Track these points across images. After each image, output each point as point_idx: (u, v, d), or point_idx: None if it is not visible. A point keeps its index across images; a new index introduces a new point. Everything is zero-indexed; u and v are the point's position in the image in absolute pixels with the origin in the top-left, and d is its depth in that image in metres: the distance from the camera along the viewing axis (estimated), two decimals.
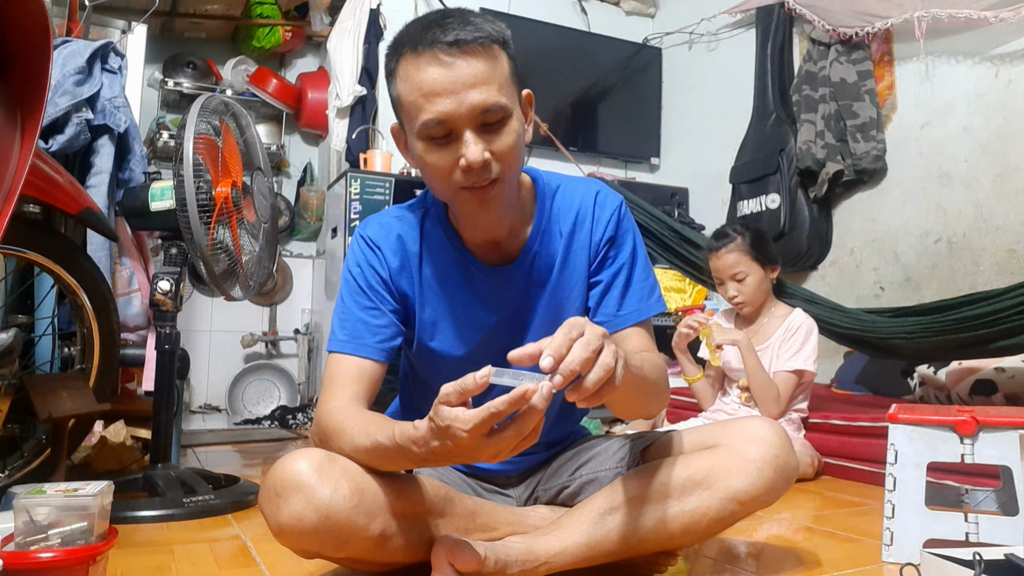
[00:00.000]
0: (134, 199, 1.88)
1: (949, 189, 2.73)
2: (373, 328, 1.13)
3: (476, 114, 0.98)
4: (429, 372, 1.23)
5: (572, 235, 1.18)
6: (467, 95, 0.97)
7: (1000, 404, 2.15)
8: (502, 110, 1.00)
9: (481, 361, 1.12)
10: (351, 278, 1.16)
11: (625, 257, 1.19)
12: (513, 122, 1.02)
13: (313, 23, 3.91)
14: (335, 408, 1.06)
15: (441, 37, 0.97)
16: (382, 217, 1.21)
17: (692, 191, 3.96)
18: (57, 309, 1.93)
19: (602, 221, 1.19)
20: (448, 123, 0.98)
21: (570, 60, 3.98)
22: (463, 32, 0.97)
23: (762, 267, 2.27)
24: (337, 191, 3.34)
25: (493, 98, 0.98)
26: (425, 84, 0.98)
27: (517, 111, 1.04)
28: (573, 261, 1.18)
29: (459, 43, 0.97)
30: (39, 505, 1.02)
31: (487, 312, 1.18)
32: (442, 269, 1.17)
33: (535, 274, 1.18)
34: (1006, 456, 1.24)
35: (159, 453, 1.82)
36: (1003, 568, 1.01)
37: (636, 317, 1.18)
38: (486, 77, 0.98)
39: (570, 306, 1.19)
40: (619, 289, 1.18)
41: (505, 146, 1.01)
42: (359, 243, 1.18)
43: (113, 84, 2.06)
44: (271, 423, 3.67)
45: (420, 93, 0.98)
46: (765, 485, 1.07)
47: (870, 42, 2.99)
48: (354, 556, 1.03)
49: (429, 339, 1.19)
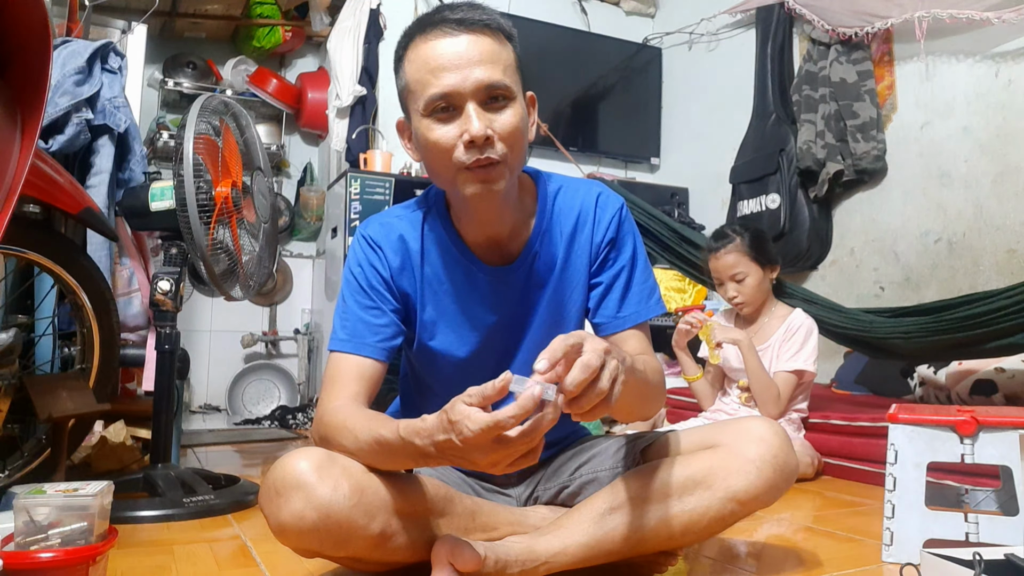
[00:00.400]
0: (134, 199, 1.88)
1: (949, 189, 2.73)
2: (374, 328, 1.14)
3: (480, 89, 1.00)
4: (429, 372, 1.24)
5: (573, 236, 1.19)
6: (471, 71, 1.00)
7: (1000, 404, 2.15)
8: (506, 89, 1.02)
9: (481, 361, 1.13)
10: (352, 278, 1.17)
11: (625, 259, 1.20)
12: (516, 106, 1.04)
13: (313, 23, 3.91)
14: (336, 407, 1.07)
15: (449, 16, 1.02)
16: (383, 217, 1.21)
17: (692, 191, 3.96)
18: (57, 309, 1.93)
19: (603, 223, 1.19)
20: (453, 96, 1.00)
21: (570, 60, 3.98)
22: (471, 13, 1.02)
23: (761, 267, 2.26)
24: (337, 191, 3.34)
25: (497, 76, 1.01)
26: (432, 59, 1.01)
27: (521, 99, 1.06)
28: (574, 262, 1.19)
29: (465, 22, 1.01)
30: (39, 505, 1.02)
31: (488, 312, 1.18)
32: (443, 269, 1.17)
33: (536, 274, 1.18)
34: (1006, 456, 1.24)
35: (159, 453, 1.82)
36: (1003, 568, 1.01)
37: (635, 319, 1.19)
38: (491, 56, 1.01)
39: (571, 307, 1.20)
40: (619, 291, 1.19)
41: (508, 125, 1.02)
42: (360, 243, 1.19)
43: (113, 84, 2.06)
44: (271, 423, 3.67)
45: (427, 69, 1.01)
46: (765, 484, 1.07)
47: (870, 42, 2.99)
48: (354, 555, 1.03)
49: (429, 338, 1.19)
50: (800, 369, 2.17)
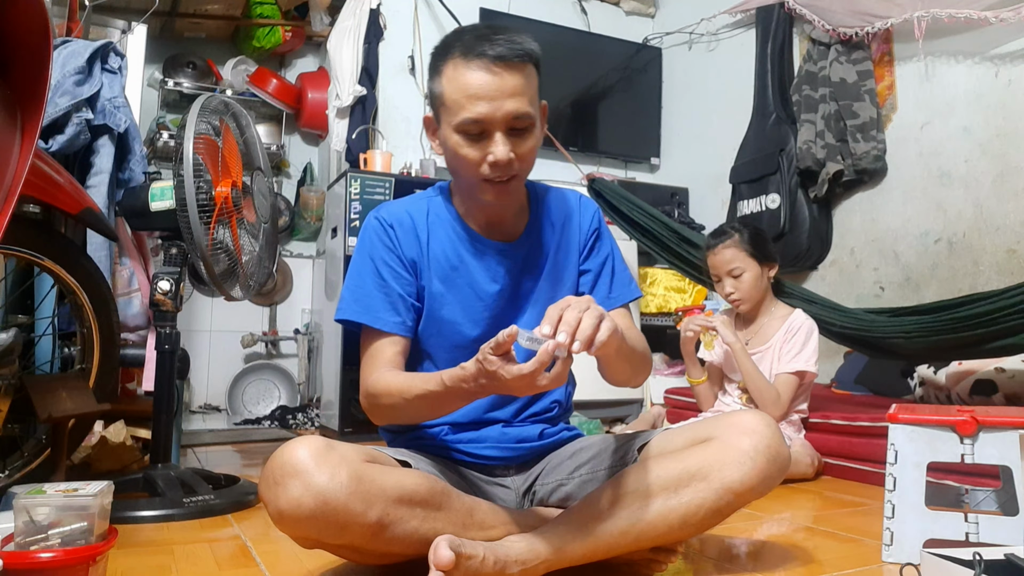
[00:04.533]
0: (134, 199, 1.88)
1: (949, 189, 2.73)
2: (393, 304, 1.24)
3: (508, 119, 1.13)
4: (435, 340, 1.29)
5: (564, 226, 1.35)
6: (504, 103, 1.12)
7: (1000, 404, 2.15)
8: (530, 119, 1.15)
9: (485, 332, 1.26)
10: (368, 259, 1.26)
11: (608, 250, 1.37)
12: (536, 130, 1.18)
13: (313, 23, 3.91)
14: (376, 378, 1.19)
15: (489, 51, 1.12)
16: (390, 204, 1.33)
17: (692, 191, 3.96)
18: (57, 309, 1.93)
19: (587, 216, 1.38)
20: (484, 123, 1.13)
21: (570, 60, 3.98)
22: (509, 48, 1.12)
23: (759, 264, 2.26)
24: (337, 191, 3.34)
25: (524, 108, 1.14)
26: (471, 88, 1.12)
27: (539, 121, 1.19)
28: (566, 246, 1.34)
29: (504, 58, 1.12)
30: (39, 505, 1.02)
31: (492, 284, 1.28)
32: (449, 245, 1.28)
33: (534, 254, 1.31)
34: (1006, 456, 1.24)
35: (159, 453, 1.82)
36: (1003, 568, 1.01)
37: (623, 299, 1.35)
38: (521, 89, 1.13)
39: (566, 283, 1.33)
40: (608, 276, 1.35)
41: (527, 149, 1.17)
42: (373, 224, 1.29)
43: (113, 84, 2.06)
44: (271, 423, 3.67)
45: (464, 94, 1.13)
46: (759, 475, 1.11)
47: (870, 42, 2.99)
48: (352, 544, 1.04)
49: (438, 309, 1.27)
50: (802, 370, 2.17)
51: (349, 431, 3.00)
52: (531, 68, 1.15)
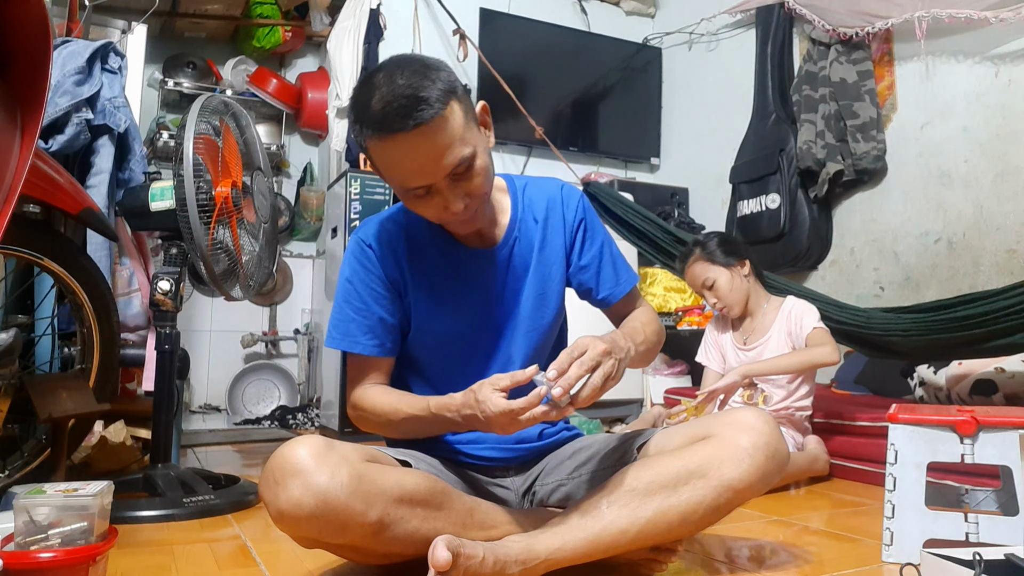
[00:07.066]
0: (134, 199, 1.87)
1: (949, 189, 2.73)
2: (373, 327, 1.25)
3: (448, 171, 1.08)
4: (423, 352, 1.29)
5: (547, 220, 1.32)
6: (439, 163, 1.07)
7: (1000, 404, 2.15)
8: (469, 159, 1.09)
9: (476, 339, 1.28)
10: (348, 283, 1.26)
11: (601, 237, 1.35)
12: (479, 161, 1.11)
13: (313, 23, 3.91)
14: (362, 392, 1.25)
15: (402, 125, 1.03)
16: (370, 221, 1.31)
17: (692, 191, 3.96)
18: (57, 309, 1.93)
19: (571, 206, 1.34)
20: (428, 186, 1.10)
21: (570, 60, 3.98)
22: (420, 111, 1.03)
23: (727, 268, 2.25)
24: (337, 191, 3.34)
25: (459, 155, 1.07)
26: (398, 162, 1.08)
27: (481, 144, 1.13)
28: (550, 242, 1.31)
29: (421, 123, 1.03)
30: (39, 505, 1.02)
31: (476, 291, 1.27)
32: (431, 256, 1.27)
33: (517, 256, 1.29)
34: (1006, 456, 1.24)
35: (159, 453, 1.82)
36: (1003, 568, 1.01)
37: (629, 283, 1.36)
38: (450, 139, 1.06)
39: (553, 281, 1.32)
40: (609, 264, 1.34)
41: (478, 185, 1.12)
42: (352, 246, 1.29)
43: (113, 84, 2.06)
44: (271, 423, 3.67)
45: (397, 168, 1.09)
46: (758, 472, 1.10)
47: (870, 42, 2.99)
48: (353, 544, 1.04)
49: (424, 321, 1.27)
50: (819, 326, 2.15)
51: (349, 431, 3.00)
52: (452, 108, 1.06)
